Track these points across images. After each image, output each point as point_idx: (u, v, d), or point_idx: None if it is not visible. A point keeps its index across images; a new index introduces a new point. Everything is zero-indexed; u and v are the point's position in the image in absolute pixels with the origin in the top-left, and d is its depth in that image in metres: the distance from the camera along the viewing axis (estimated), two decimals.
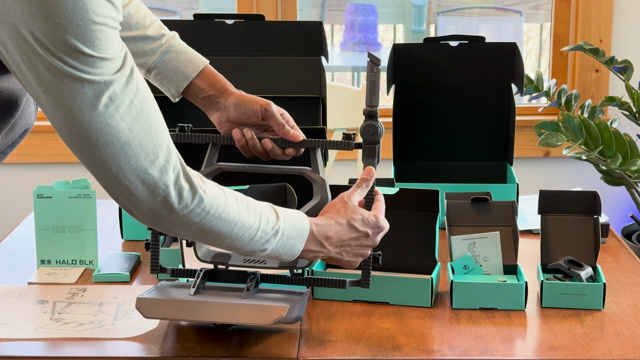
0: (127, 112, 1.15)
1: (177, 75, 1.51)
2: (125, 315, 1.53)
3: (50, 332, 1.48)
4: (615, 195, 3.14)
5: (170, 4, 3.90)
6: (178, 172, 1.20)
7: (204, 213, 1.23)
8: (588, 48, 2.66)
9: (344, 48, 4.11)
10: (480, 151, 2.09)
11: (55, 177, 2.11)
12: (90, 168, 1.18)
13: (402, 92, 2.08)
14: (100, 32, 1.11)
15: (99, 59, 1.12)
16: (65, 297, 1.62)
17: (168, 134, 1.21)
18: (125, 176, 1.17)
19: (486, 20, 4.01)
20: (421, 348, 1.42)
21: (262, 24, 2.02)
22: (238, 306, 1.38)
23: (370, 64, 1.43)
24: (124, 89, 1.15)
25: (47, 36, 1.08)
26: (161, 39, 1.51)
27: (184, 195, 1.20)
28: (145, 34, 1.50)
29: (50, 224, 1.75)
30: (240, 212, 1.27)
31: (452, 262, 1.63)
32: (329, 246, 1.36)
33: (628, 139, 2.37)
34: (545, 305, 1.57)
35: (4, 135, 1.33)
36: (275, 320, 1.35)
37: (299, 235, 1.33)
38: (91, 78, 1.12)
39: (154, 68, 1.50)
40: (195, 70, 1.51)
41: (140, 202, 1.19)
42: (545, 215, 1.68)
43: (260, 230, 1.29)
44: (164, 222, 1.23)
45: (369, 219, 1.39)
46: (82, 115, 1.13)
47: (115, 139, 1.15)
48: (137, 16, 1.50)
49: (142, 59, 1.51)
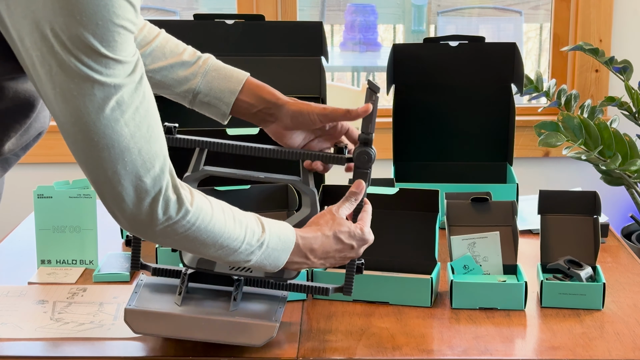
0: (131, 118, 1.16)
1: (222, 93, 1.47)
2: None
3: (51, 332, 1.48)
4: (615, 195, 3.14)
5: (170, 4, 3.90)
6: (168, 183, 1.21)
7: (189, 225, 1.24)
8: (588, 48, 2.67)
9: (344, 48, 4.11)
10: (480, 151, 2.09)
11: (55, 177, 2.11)
12: (86, 169, 1.19)
13: (402, 92, 2.08)
14: (118, 34, 1.12)
15: (113, 61, 1.13)
16: (66, 297, 1.62)
17: (165, 145, 1.22)
18: (119, 181, 1.18)
19: (486, 20, 4.01)
20: (421, 348, 1.42)
21: (262, 24, 2.02)
22: (227, 324, 1.39)
23: (369, 91, 1.40)
24: (132, 95, 1.16)
25: (66, 32, 1.09)
26: (198, 61, 1.48)
27: (170, 207, 1.21)
28: (182, 59, 1.48)
29: (50, 224, 1.75)
30: (226, 224, 1.27)
31: (452, 262, 1.64)
32: (313, 258, 1.37)
33: (628, 139, 2.37)
34: (545, 305, 1.57)
35: (18, 137, 1.33)
36: (266, 340, 1.38)
37: (284, 247, 1.33)
38: (102, 79, 1.13)
39: (199, 92, 1.47)
40: (238, 83, 1.47)
41: (129, 208, 1.20)
42: (545, 215, 1.68)
43: (245, 242, 1.29)
44: (149, 231, 1.23)
45: (355, 232, 1.39)
46: (88, 115, 1.14)
47: (116, 142, 1.16)
48: (169, 45, 1.49)
49: (185, 85, 1.47)
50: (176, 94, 1.49)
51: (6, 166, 1.39)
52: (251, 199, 1.64)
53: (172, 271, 1.48)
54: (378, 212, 1.63)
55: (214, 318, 1.40)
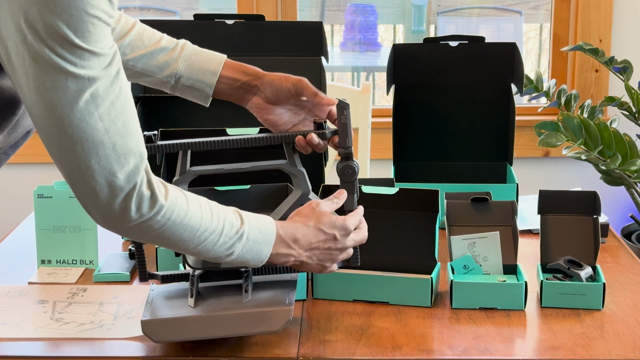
0: (106, 113, 1.15)
1: (204, 75, 1.49)
2: (126, 315, 1.53)
3: (51, 332, 1.48)
4: (615, 195, 3.14)
5: (170, 4, 3.90)
6: (143, 179, 1.20)
7: (164, 220, 1.23)
8: (588, 48, 2.67)
9: (344, 48, 4.11)
10: (480, 151, 2.09)
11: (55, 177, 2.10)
12: (60, 163, 1.18)
13: (402, 92, 2.08)
14: (92, 25, 1.11)
15: (88, 52, 1.12)
16: (66, 297, 1.62)
17: (142, 141, 1.21)
18: (92, 176, 1.17)
19: (486, 20, 4.01)
20: (421, 348, 1.42)
21: (262, 24, 2.02)
22: (243, 316, 1.39)
23: (339, 108, 1.45)
24: (107, 89, 1.15)
25: (40, 22, 1.09)
26: (176, 46, 1.51)
27: (144, 204, 1.20)
28: (160, 45, 1.50)
29: (50, 223, 1.75)
30: (203, 218, 1.27)
31: (452, 262, 1.64)
32: (298, 249, 1.36)
33: (628, 139, 2.37)
34: (545, 305, 1.57)
35: (6, 135, 1.33)
36: (284, 324, 1.38)
37: (265, 239, 1.33)
38: (76, 71, 1.12)
39: (181, 75, 1.49)
40: (218, 64, 1.50)
41: (103, 204, 1.19)
42: (545, 215, 1.68)
43: (223, 234, 1.28)
44: (123, 227, 1.22)
45: (336, 222, 1.39)
46: (62, 108, 1.13)
47: (90, 136, 1.15)
48: (146, 33, 1.51)
49: (166, 70, 1.49)
50: (158, 80, 1.51)
51: None
52: (251, 199, 1.64)
53: (181, 275, 1.48)
54: (378, 212, 1.64)
55: (229, 313, 1.39)
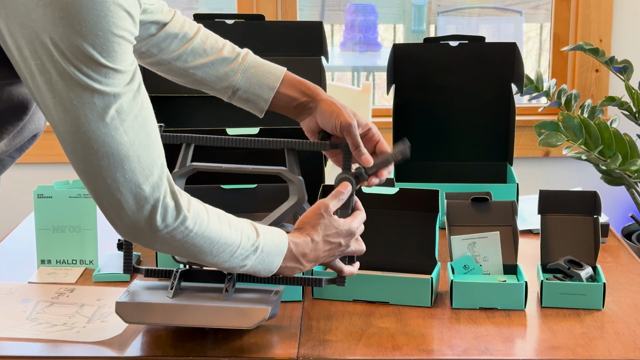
0: (130, 126, 1.17)
1: (262, 89, 1.49)
2: (100, 318, 1.52)
3: (22, 331, 1.48)
4: (615, 195, 3.14)
5: (170, 4, 3.90)
6: (166, 190, 1.22)
7: (187, 231, 1.25)
8: (588, 48, 2.66)
9: (344, 48, 4.11)
10: (480, 151, 2.09)
11: (55, 177, 2.10)
12: (85, 177, 1.19)
13: (402, 92, 2.08)
14: (118, 45, 1.13)
15: (112, 70, 1.14)
16: (51, 296, 1.62)
17: (163, 152, 1.23)
18: (118, 189, 1.18)
19: (486, 20, 4.01)
20: (421, 348, 1.42)
21: (262, 24, 2.01)
22: (219, 309, 1.40)
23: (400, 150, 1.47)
24: (130, 103, 1.16)
25: (66, 42, 1.10)
26: (237, 58, 1.50)
27: (169, 214, 1.22)
28: (222, 55, 1.49)
29: (50, 223, 1.75)
30: (222, 230, 1.29)
31: (452, 262, 1.64)
32: (305, 262, 1.39)
33: (628, 139, 2.37)
34: (545, 305, 1.57)
35: (11, 138, 1.33)
36: (258, 322, 1.38)
37: (277, 251, 1.35)
38: (102, 89, 1.13)
39: (239, 88, 1.49)
40: (277, 80, 1.49)
41: (128, 216, 1.21)
42: (545, 215, 1.68)
43: (240, 247, 1.30)
44: (148, 238, 1.24)
45: (342, 230, 1.40)
46: (89, 124, 1.14)
47: (116, 151, 1.16)
48: (209, 41, 1.50)
49: (225, 82, 1.49)
50: (216, 90, 1.51)
51: (1, 168, 1.39)
52: (257, 198, 1.65)
53: (165, 272, 1.49)
54: (378, 212, 1.64)
55: (204, 304, 1.40)
